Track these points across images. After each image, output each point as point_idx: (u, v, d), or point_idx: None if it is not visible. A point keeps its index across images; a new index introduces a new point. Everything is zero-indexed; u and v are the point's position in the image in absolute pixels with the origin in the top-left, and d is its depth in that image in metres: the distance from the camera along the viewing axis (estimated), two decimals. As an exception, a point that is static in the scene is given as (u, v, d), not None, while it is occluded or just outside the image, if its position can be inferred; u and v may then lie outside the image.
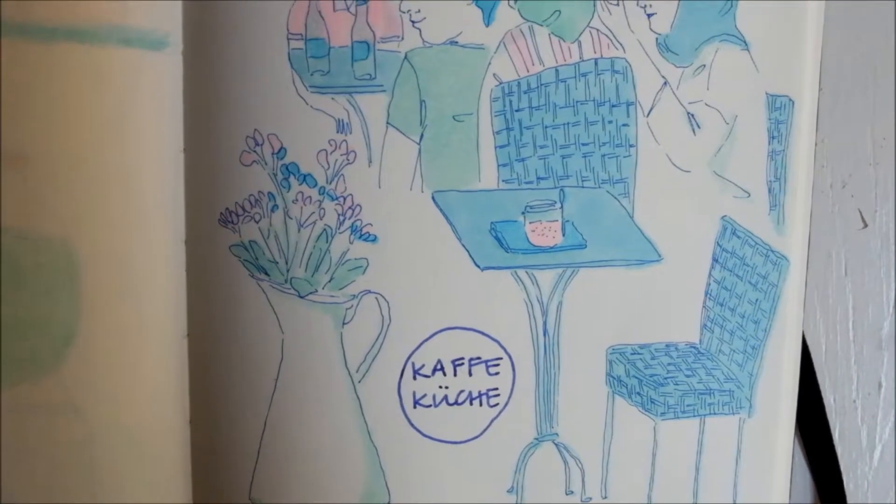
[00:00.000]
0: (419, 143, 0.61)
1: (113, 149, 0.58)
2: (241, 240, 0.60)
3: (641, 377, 0.64)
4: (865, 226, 0.68)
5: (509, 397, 0.64)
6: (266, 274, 0.61)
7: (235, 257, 0.61)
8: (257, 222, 0.60)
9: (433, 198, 0.61)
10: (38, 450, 0.59)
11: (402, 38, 0.60)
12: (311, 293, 0.61)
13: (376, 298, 0.61)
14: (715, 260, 0.64)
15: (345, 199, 0.60)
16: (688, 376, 0.65)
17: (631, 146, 0.63)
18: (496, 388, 0.63)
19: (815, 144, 0.65)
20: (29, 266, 0.58)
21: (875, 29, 0.66)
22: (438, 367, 0.62)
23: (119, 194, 0.58)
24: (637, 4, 0.62)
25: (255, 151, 0.60)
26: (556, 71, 0.62)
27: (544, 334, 0.63)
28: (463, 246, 0.62)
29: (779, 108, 0.64)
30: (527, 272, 0.62)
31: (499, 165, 0.62)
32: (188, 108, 0.59)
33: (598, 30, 0.62)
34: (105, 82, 0.58)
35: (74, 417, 0.59)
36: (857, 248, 0.68)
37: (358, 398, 0.62)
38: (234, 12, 0.59)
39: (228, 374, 0.61)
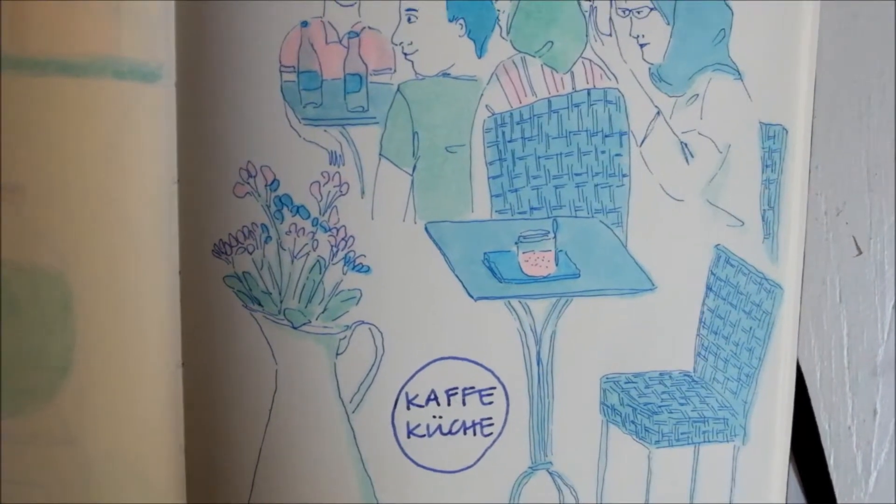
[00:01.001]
0: (412, 175, 0.60)
1: (107, 180, 0.58)
2: (234, 271, 0.60)
3: (635, 405, 0.64)
4: (860, 253, 0.67)
5: (503, 426, 0.63)
6: (260, 305, 0.60)
7: (229, 288, 0.60)
8: (251, 253, 0.60)
9: (426, 229, 0.61)
10: (35, 480, 0.59)
11: (395, 71, 0.59)
12: (304, 324, 0.61)
13: (370, 329, 0.61)
14: (709, 288, 0.64)
15: (338, 230, 0.60)
16: (682, 404, 0.65)
17: (624, 176, 0.62)
18: (490, 418, 0.63)
19: (809, 172, 0.64)
20: (24, 297, 0.58)
21: (869, 56, 0.66)
22: (432, 396, 0.62)
23: (113, 226, 0.58)
24: (630, 35, 0.61)
25: (248, 183, 0.59)
26: (549, 102, 0.61)
27: (538, 363, 0.63)
28: (456, 276, 0.61)
29: (772, 137, 0.63)
30: (520, 302, 0.62)
31: (492, 196, 0.61)
32: (181, 139, 0.58)
33: (590, 60, 0.61)
34: (99, 115, 0.57)
35: (70, 448, 0.59)
36: (852, 275, 0.68)
37: (352, 428, 0.61)
38: (226, 44, 0.58)
39: (223, 404, 0.61)
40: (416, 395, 0.62)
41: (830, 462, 0.68)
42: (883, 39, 0.66)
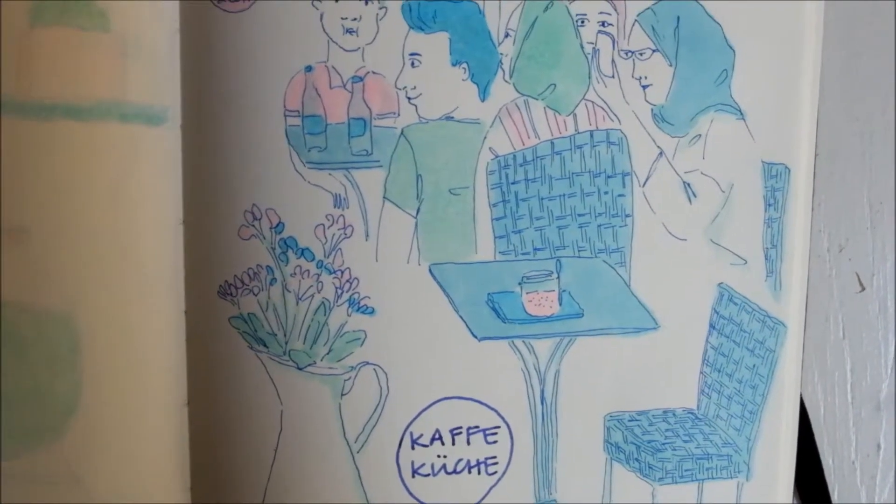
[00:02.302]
0: (416, 217, 0.60)
1: (113, 222, 0.57)
2: (240, 312, 0.60)
3: (639, 443, 0.63)
4: (863, 289, 0.67)
5: (507, 465, 0.63)
6: (265, 346, 0.60)
7: (235, 329, 0.60)
8: (256, 295, 0.60)
9: (430, 270, 0.60)
10: (40, 520, 0.59)
11: (399, 115, 0.59)
12: (309, 365, 0.60)
13: (374, 370, 0.61)
14: (712, 326, 0.63)
15: (342, 272, 0.60)
16: (685, 441, 0.64)
17: (627, 216, 0.62)
18: (494, 457, 0.62)
19: (812, 209, 0.64)
20: (30, 338, 0.58)
21: (871, 94, 0.65)
22: (437, 436, 0.62)
23: (119, 266, 0.58)
24: (632, 76, 0.61)
25: (253, 226, 0.59)
26: (552, 143, 0.61)
27: (542, 402, 0.62)
28: (460, 317, 0.61)
29: (775, 176, 0.63)
30: (524, 342, 0.62)
31: (495, 237, 0.61)
32: (187, 181, 0.58)
33: (593, 102, 0.61)
34: (104, 157, 0.57)
35: (76, 488, 0.59)
36: (855, 311, 0.67)
37: (357, 468, 0.61)
38: (231, 88, 0.58)
39: (228, 444, 0.60)
40: (421, 435, 0.61)
41: (834, 497, 0.68)
42: (885, 77, 0.65)
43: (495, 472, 0.63)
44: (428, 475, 0.62)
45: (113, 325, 0.58)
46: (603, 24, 0.60)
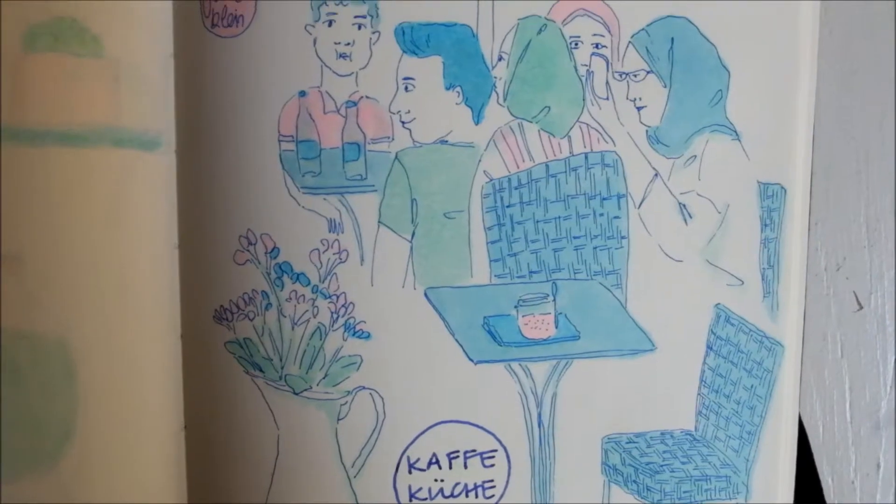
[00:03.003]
0: (411, 241, 0.60)
1: (107, 247, 0.57)
2: (235, 337, 0.59)
3: (637, 465, 0.63)
4: (861, 308, 0.66)
5: (505, 489, 0.62)
6: (261, 371, 0.60)
7: (230, 354, 0.59)
8: (251, 320, 0.59)
9: (426, 294, 0.60)
10: (37, 546, 0.58)
11: (393, 139, 0.59)
12: (305, 390, 0.60)
13: (370, 394, 0.60)
14: (709, 347, 0.63)
15: (338, 297, 0.59)
16: (683, 463, 0.64)
17: (623, 238, 0.61)
18: (492, 480, 0.62)
19: (809, 228, 0.64)
20: (26, 364, 0.58)
21: (867, 112, 0.65)
22: (434, 460, 0.61)
23: (114, 292, 0.57)
24: (627, 98, 0.61)
25: (248, 251, 0.59)
26: (547, 166, 0.61)
27: (539, 425, 0.62)
28: (456, 341, 0.60)
29: (771, 196, 0.62)
30: (520, 365, 0.61)
31: (491, 261, 0.61)
32: (182, 206, 0.58)
33: (587, 124, 0.60)
34: (98, 183, 0.57)
35: (73, 514, 0.58)
36: (853, 330, 0.67)
37: (354, 493, 0.61)
38: (225, 113, 0.58)
39: (225, 469, 0.60)
40: (418, 459, 0.61)
41: (834, 517, 0.67)
42: (881, 95, 0.65)
43: (493, 496, 0.62)
44: (425, 499, 0.61)
45: (108, 350, 0.58)
46: (597, 45, 0.60)
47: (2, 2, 0.55)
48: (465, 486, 0.62)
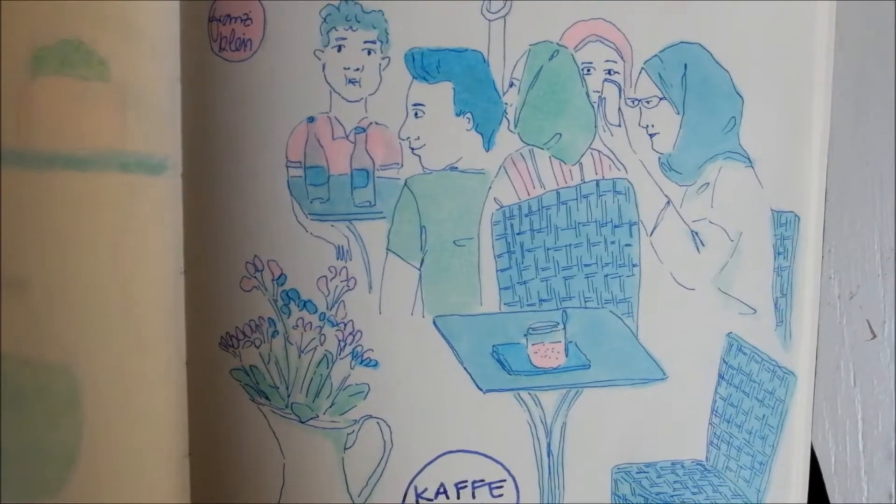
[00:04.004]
0: (420, 269, 0.59)
1: (113, 272, 0.56)
2: (241, 364, 0.58)
3: (647, 495, 0.62)
4: (874, 336, 0.65)
5: (513, 519, 0.61)
6: (267, 399, 0.59)
7: (236, 381, 0.59)
8: (258, 347, 0.58)
9: (434, 323, 0.59)
10: (40, 574, 0.57)
11: (402, 166, 0.58)
12: (312, 418, 0.59)
13: (378, 423, 0.59)
14: (721, 377, 0.62)
15: (345, 325, 0.58)
16: (694, 493, 0.62)
17: (634, 266, 0.60)
18: (500, 510, 0.61)
19: (823, 256, 0.63)
20: (30, 391, 0.57)
21: (881, 140, 0.64)
22: (441, 490, 0.60)
23: (120, 317, 0.57)
24: (639, 125, 0.60)
25: (255, 277, 0.58)
26: (558, 193, 0.60)
27: (548, 455, 0.61)
28: (465, 369, 0.59)
29: (784, 224, 0.61)
30: (530, 393, 0.60)
31: (500, 289, 0.59)
32: (188, 231, 0.57)
33: (599, 151, 0.59)
34: (104, 207, 0.56)
35: (76, 542, 0.57)
36: (866, 359, 0.65)
37: (360, 523, 0.60)
38: (233, 138, 0.57)
39: (230, 497, 0.59)
40: (426, 489, 0.60)
41: (846, 548, 0.66)
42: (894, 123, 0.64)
43: (501, 526, 0.61)
44: (432, 529, 0.60)
45: (113, 376, 0.57)
46: (609, 72, 0.59)
47: (8, 25, 0.54)
48: (473, 516, 0.61)
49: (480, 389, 0.60)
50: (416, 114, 0.58)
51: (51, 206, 0.55)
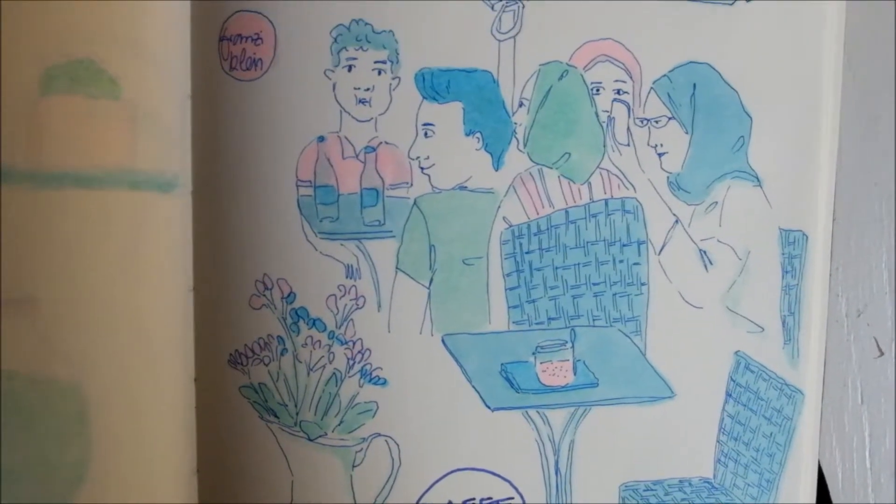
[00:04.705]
0: (429, 288, 0.59)
1: (122, 289, 0.56)
2: (250, 381, 0.58)
3: (655, 513, 0.62)
4: (881, 354, 0.65)
5: (521, 536, 0.61)
6: (275, 416, 0.59)
7: (245, 398, 0.59)
8: (267, 365, 0.58)
9: (443, 341, 0.59)
10: (47, 592, 0.57)
11: (411, 185, 0.58)
12: (320, 436, 0.59)
13: (386, 441, 0.59)
14: (728, 395, 0.62)
15: (354, 343, 0.58)
16: (702, 511, 0.62)
17: (643, 284, 0.60)
18: (508, 528, 0.61)
19: (830, 274, 0.63)
20: (38, 409, 0.57)
21: (890, 157, 0.64)
22: (449, 507, 0.60)
23: (128, 334, 0.57)
24: (648, 144, 0.60)
25: (264, 295, 0.58)
26: (567, 212, 0.60)
27: (556, 473, 0.61)
28: (473, 387, 0.59)
29: (792, 243, 0.61)
30: (538, 412, 0.60)
31: (509, 307, 0.60)
32: (198, 248, 0.57)
33: (608, 170, 0.59)
34: (114, 225, 0.56)
35: (84, 559, 0.57)
36: (874, 377, 0.65)
37: (368, 540, 0.60)
38: (243, 157, 0.57)
39: (238, 515, 0.59)
40: (434, 507, 0.60)
41: (853, 565, 0.66)
42: (903, 140, 0.64)
43: (509, 544, 0.61)
44: (440, 547, 0.60)
45: (122, 394, 0.57)
46: (618, 91, 0.59)
47: (19, 43, 0.54)
48: (481, 533, 0.61)
49: (489, 407, 0.60)
50: (425, 133, 0.58)
51: (61, 224, 0.55)
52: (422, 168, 0.58)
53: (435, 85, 0.57)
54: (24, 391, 0.56)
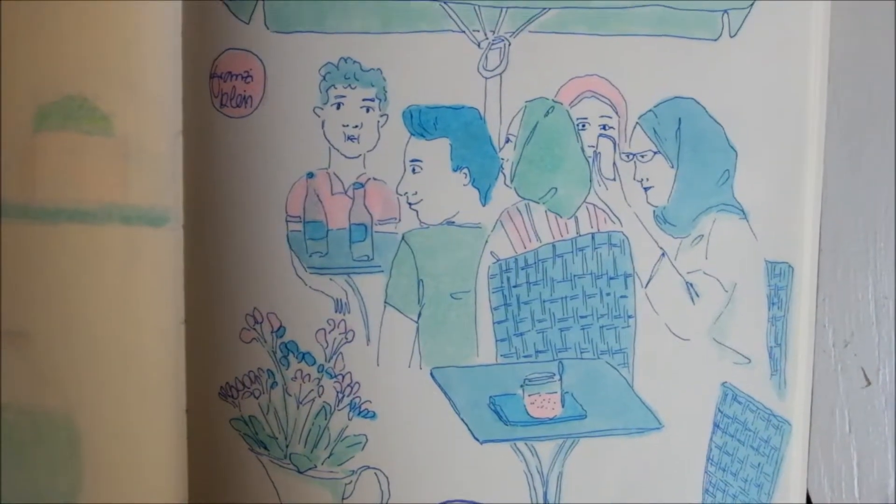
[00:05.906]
0: (417, 322, 0.59)
1: (114, 322, 0.57)
2: (241, 414, 0.59)
3: (644, 544, 0.62)
4: (868, 383, 0.66)
5: (510, 568, 0.61)
6: (265, 449, 0.59)
7: (236, 431, 0.59)
8: (257, 398, 0.59)
9: (432, 374, 0.59)
10: None
11: (400, 220, 0.59)
12: (310, 469, 0.59)
13: (375, 474, 0.59)
14: (716, 426, 0.62)
15: (343, 376, 0.59)
16: (691, 541, 0.63)
17: (629, 317, 0.61)
18: (497, 560, 0.61)
19: (817, 304, 0.63)
20: (31, 440, 0.57)
21: (874, 188, 0.64)
22: (438, 539, 0.60)
23: (120, 367, 0.57)
24: (634, 178, 0.60)
25: (254, 329, 0.58)
26: (553, 246, 0.60)
27: (545, 504, 0.61)
28: (462, 420, 0.60)
29: (778, 275, 0.62)
30: (526, 444, 0.60)
31: (497, 341, 0.60)
32: (189, 281, 0.57)
33: (594, 205, 0.60)
34: (106, 259, 0.56)
35: (76, 591, 0.58)
36: (861, 406, 0.66)
37: (358, 572, 0.60)
38: (233, 192, 0.58)
39: (229, 546, 0.59)
40: (423, 539, 0.60)
41: None
42: (888, 172, 0.64)
43: (498, 575, 0.61)
44: (430, 579, 0.61)
45: (113, 426, 0.57)
46: (604, 127, 0.59)
47: (13, 80, 0.55)
48: (470, 565, 0.61)
49: (477, 440, 0.60)
50: (413, 169, 0.58)
51: (53, 258, 0.56)
52: (410, 203, 0.58)
53: (422, 122, 0.58)
54: (16, 423, 0.57)
